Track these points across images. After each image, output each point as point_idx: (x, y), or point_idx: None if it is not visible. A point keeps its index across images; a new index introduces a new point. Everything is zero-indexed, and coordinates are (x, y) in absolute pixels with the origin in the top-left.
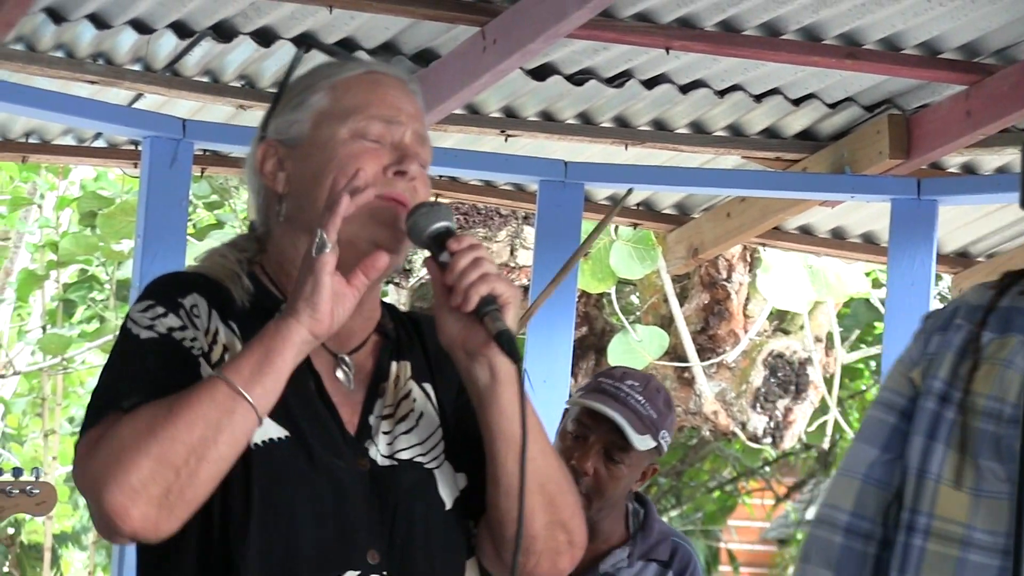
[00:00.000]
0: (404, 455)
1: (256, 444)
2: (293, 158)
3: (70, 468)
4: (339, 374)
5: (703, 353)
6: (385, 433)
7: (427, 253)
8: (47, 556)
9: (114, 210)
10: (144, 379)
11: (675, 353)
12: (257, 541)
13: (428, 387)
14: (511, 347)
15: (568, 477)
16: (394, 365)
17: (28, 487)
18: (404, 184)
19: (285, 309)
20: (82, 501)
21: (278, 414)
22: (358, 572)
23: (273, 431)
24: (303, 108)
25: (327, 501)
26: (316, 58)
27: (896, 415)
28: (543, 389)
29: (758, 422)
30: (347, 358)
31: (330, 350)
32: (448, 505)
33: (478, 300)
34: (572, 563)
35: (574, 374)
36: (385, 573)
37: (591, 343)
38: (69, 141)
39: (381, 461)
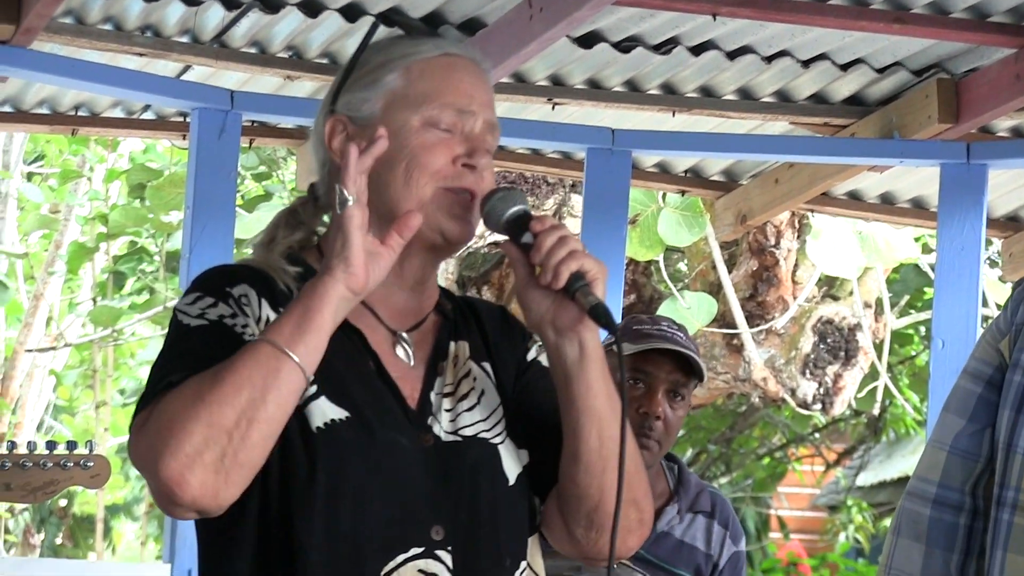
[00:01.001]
0: (468, 431)
1: (318, 427)
2: (363, 138)
3: (122, 440)
4: (399, 351)
5: (752, 320)
6: (447, 411)
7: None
8: (99, 527)
9: (163, 182)
10: (191, 358)
11: (724, 320)
12: (322, 520)
13: (487, 366)
14: (607, 318)
15: (640, 456)
16: (452, 345)
17: (82, 460)
18: (472, 176)
19: (321, 269)
20: (134, 472)
21: (337, 395)
22: (422, 548)
23: (333, 412)
24: (376, 87)
25: (391, 477)
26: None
27: (983, 385)
28: None
29: (807, 388)
30: (405, 335)
31: (388, 327)
32: (511, 481)
33: (568, 276)
34: (639, 542)
35: None
36: (449, 548)
37: (639, 310)
38: (118, 113)
39: (445, 437)
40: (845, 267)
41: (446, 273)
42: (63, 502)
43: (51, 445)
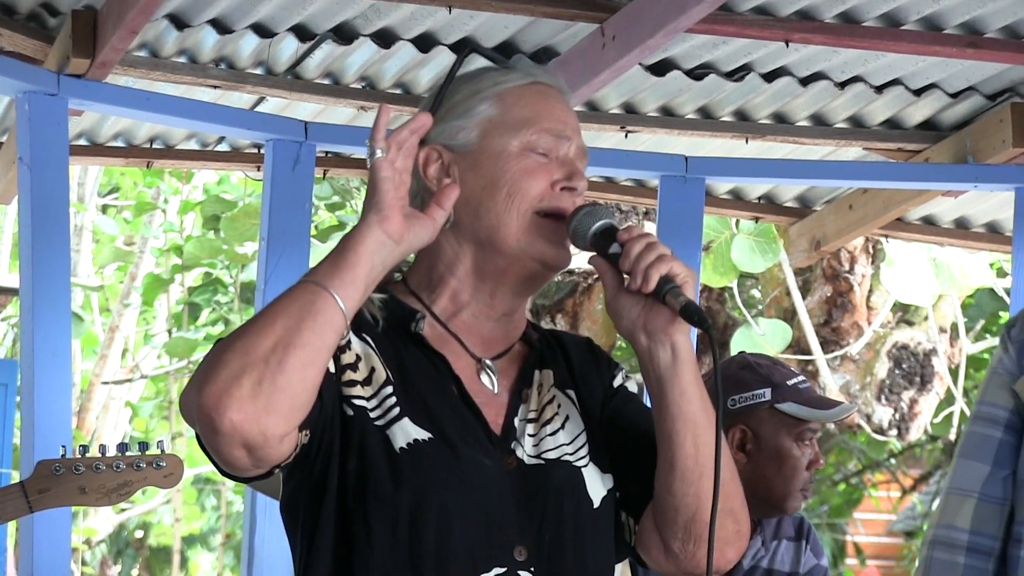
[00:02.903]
0: (551, 454)
1: (402, 447)
2: (460, 165)
3: (198, 470)
4: (483, 378)
5: (827, 346)
6: (531, 436)
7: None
8: (176, 558)
9: (237, 213)
10: None
11: (798, 346)
12: (406, 537)
13: (572, 393)
14: (700, 317)
15: (735, 465)
16: (537, 373)
17: (155, 460)
18: (571, 199)
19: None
20: (209, 503)
21: (420, 417)
22: (505, 568)
23: (416, 433)
24: (470, 115)
25: (475, 497)
26: (437, 58)
27: (1001, 429)
28: None
29: (883, 414)
30: (490, 363)
31: (473, 354)
32: (596, 504)
33: (658, 279)
34: (737, 554)
35: None
36: (532, 570)
37: (713, 337)
38: (193, 145)
39: (528, 460)
40: (919, 295)
41: None
42: (139, 533)
43: (123, 447)
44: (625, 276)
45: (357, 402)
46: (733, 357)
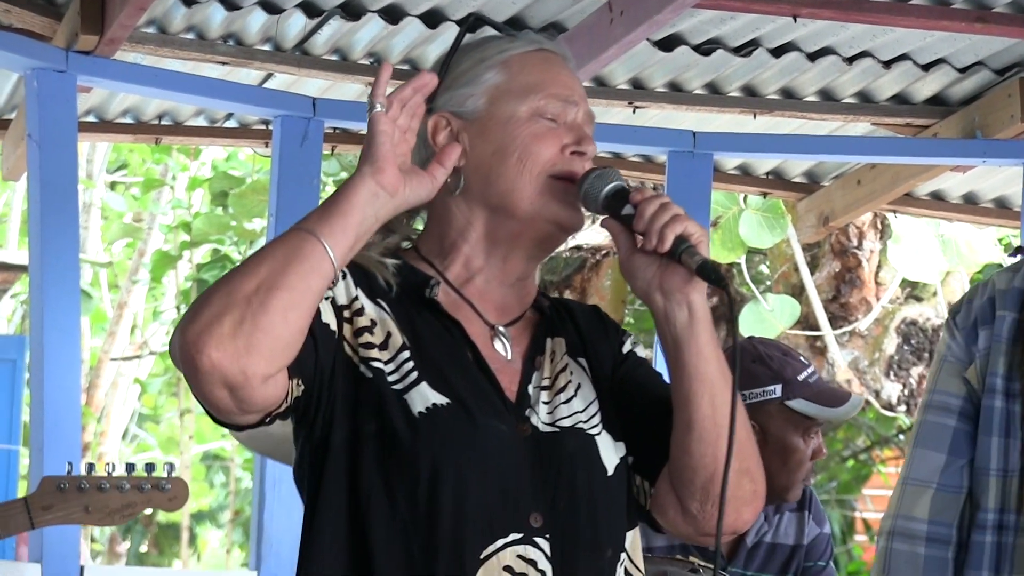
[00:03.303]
0: (566, 422)
1: (420, 412)
2: (469, 132)
3: (207, 447)
4: (497, 344)
5: (835, 321)
6: (545, 403)
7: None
8: (184, 535)
9: (245, 189)
10: None
11: (807, 322)
12: (424, 503)
13: (583, 361)
14: (717, 275)
15: (750, 425)
16: (549, 341)
17: (160, 482)
18: (581, 163)
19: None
20: (218, 480)
21: (437, 382)
22: (521, 534)
23: (434, 398)
24: (477, 83)
25: (492, 463)
26: (446, 34)
27: (955, 417)
28: None
29: (892, 390)
30: (503, 329)
31: (487, 321)
32: (610, 471)
33: (673, 238)
34: (754, 515)
35: None
36: (548, 536)
37: (722, 313)
38: (201, 122)
39: (543, 428)
40: (927, 271)
41: None
42: (148, 510)
43: (130, 467)
44: (639, 237)
45: (375, 364)
46: (744, 345)
